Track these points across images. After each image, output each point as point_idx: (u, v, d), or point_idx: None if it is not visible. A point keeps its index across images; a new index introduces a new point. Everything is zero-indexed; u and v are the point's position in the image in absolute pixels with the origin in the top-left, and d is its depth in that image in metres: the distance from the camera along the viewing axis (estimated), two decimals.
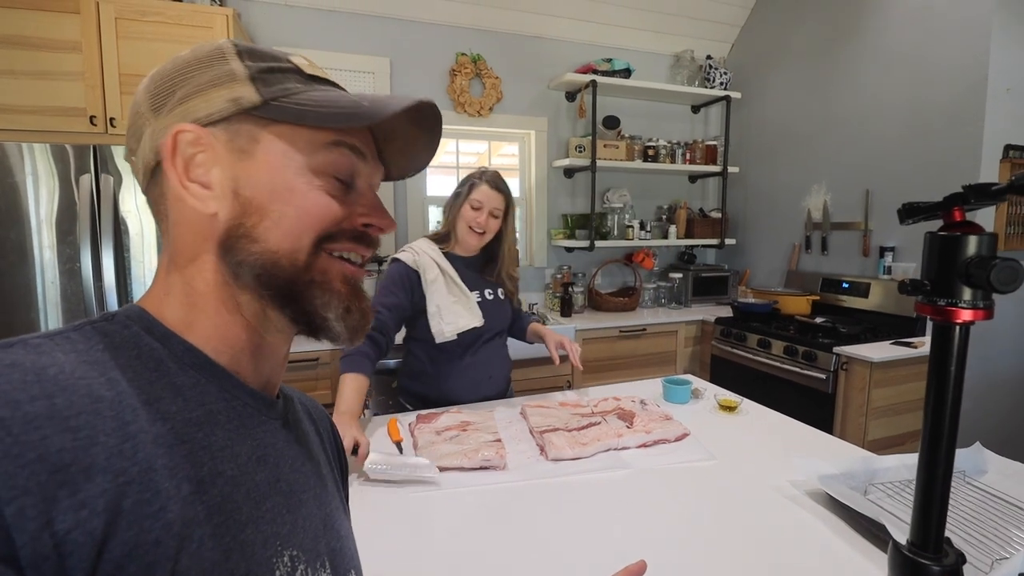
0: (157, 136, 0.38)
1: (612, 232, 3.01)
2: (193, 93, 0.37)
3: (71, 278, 1.78)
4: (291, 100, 0.38)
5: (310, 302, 0.39)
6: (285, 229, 0.38)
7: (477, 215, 1.37)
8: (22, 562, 0.25)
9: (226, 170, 0.37)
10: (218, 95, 0.37)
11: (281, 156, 0.38)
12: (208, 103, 0.37)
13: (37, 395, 0.28)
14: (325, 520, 0.44)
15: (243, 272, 0.38)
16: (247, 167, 0.38)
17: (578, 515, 0.90)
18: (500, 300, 1.49)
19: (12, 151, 1.70)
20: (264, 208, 0.37)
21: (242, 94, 0.37)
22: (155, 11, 1.89)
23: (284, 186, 0.38)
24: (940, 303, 0.43)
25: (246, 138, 0.38)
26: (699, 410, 1.39)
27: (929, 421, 0.45)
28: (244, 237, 0.37)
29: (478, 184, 1.37)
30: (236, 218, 0.37)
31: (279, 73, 0.39)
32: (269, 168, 0.38)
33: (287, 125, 0.38)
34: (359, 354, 1.24)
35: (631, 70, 2.92)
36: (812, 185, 2.79)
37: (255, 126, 0.38)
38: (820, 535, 0.83)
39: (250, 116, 0.38)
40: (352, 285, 0.41)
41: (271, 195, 0.38)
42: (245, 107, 0.37)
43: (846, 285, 2.52)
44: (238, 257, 0.37)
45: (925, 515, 0.47)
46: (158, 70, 0.39)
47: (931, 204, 0.44)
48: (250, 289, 0.38)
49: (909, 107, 2.32)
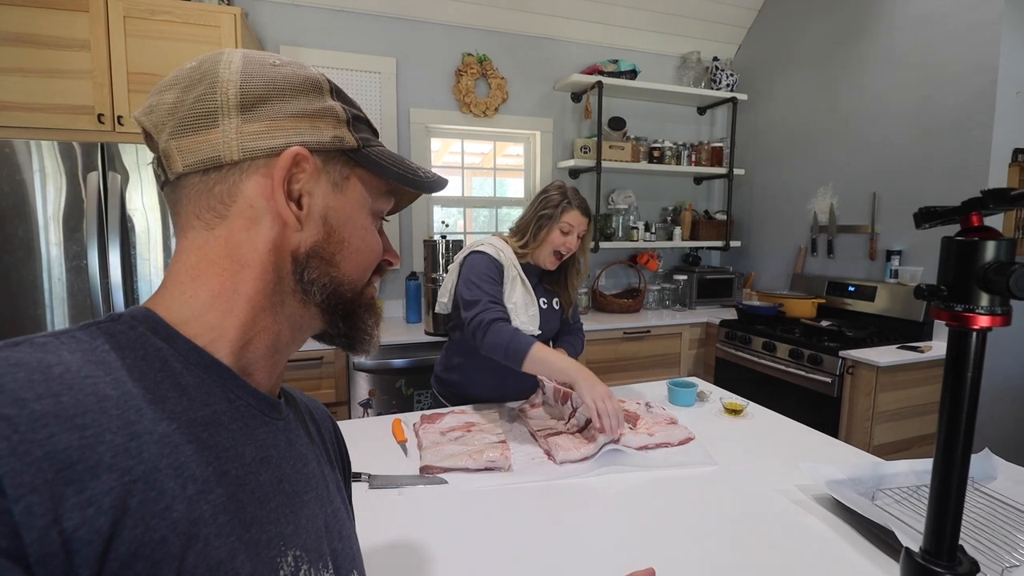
0: (249, 139, 0.38)
1: (617, 233, 3.01)
2: (295, 115, 0.40)
3: (78, 275, 1.79)
4: (374, 152, 0.44)
5: (364, 320, 0.46)
6: (358, 260, 0.44)
7: (566, 240, 1.38)
8: (30, 559, 0.25)
9: (319, 197, 0.41)
10: (326, 128, 0.41)
11: (361, 197, 0.44)
12: (317, 132, 0.41)
13: (43, 393, 0.28)
14: (328, 521, 0.44)
15: (314, 289, 0.41)
16: (337, 199, 0.42)
17: (582, 518, 0.89)
18: (555, 310, 1.50)
19: (20, 148, 1.70)
20: (345, 239, 0.43)
21: (344, 135, 0.42)
22: (164, 10, 1.90)
23: (361, 223, 0.44)
24: (957, 309, 0.42)
25: (338, 174, 0.42)
26: (704, 413, 1.39)
27: (944, 428, 0.44)
28: (323, 260, 0.42)
29: (568, 209, 1.37)
30: (320, 242, 0.41)
31: (360, 122, 0.44)
32: (353, 205, 0.43)
33: (368, 172, 0.44)
34: (516, 333, 1.24)
35: (637, 71, 2.91)
36: (818, 188, 2.77)
37: (346, 165, 0.43)
38: (828, 541, 0.82)
39: (344, 155, 0.42)
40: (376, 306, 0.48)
41: (351, 229, 0.43)
42: (345, 147, 0.42)
43: (852, 288, 2.50)
44: (313, 275, 0.41)
45: (939, 523, 0.46)
46: (248, 68, 0.39)
47: (948, 209, 0.44)
48: (315, 304, 0.42)
49: (917, 110, 2.31)
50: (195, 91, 0.38)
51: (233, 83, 0.38)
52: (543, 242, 1.39)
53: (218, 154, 0.38)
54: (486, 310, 1.27)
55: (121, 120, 1.88)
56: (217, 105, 0.38)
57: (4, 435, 0.26)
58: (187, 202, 0.39)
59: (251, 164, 0.39)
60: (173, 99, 0.39)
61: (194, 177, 0.39)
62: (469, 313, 1.28)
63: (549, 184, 1.46)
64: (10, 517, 0.24)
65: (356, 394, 2.20)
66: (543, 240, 1.39)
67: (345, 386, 2.17)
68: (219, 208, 0.39)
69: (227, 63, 0.39)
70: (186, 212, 0.39)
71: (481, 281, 1.33)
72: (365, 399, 2.20)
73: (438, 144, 2.95)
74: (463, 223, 3.07)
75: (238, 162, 0.38)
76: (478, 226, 3.11)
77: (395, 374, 2.23)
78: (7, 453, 0.25)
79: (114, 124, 1.88)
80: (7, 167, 1.69)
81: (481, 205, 3.11)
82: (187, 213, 0.39)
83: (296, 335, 0.43)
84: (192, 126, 0.38)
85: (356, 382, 2.19)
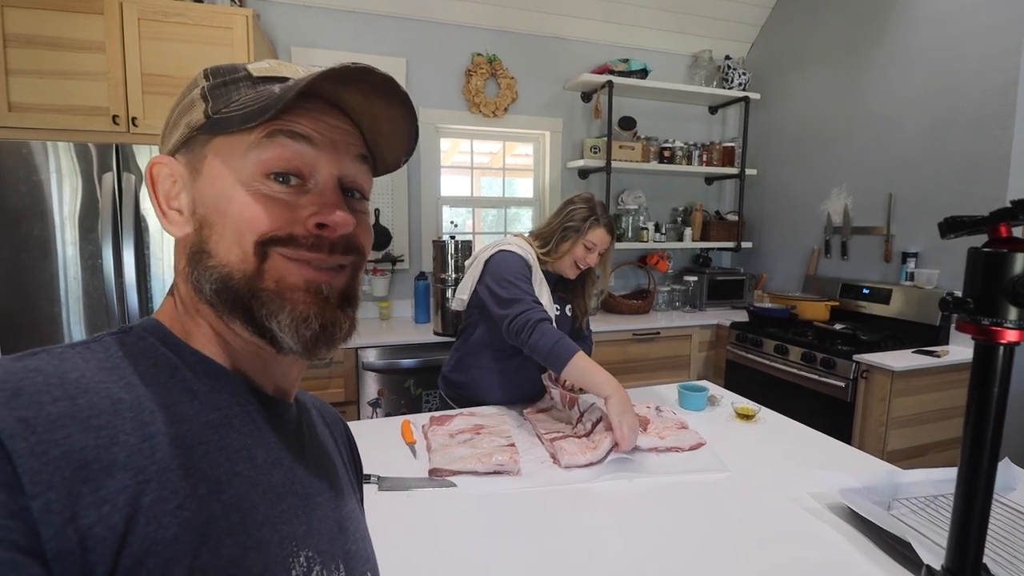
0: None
1: (626, 234, 2.99)
2: (172, 126, 0.40)
3: (93, 274, 1.81)
4: (229, 109, 0.37)
5: (258, 311, 0.37)
6: (229, 239, 0.37)
7: (587, 255, 1.39)
8: (47, 555, 0.25)
9: (188, 192, 0.39)
10: (183, 122, 0.39)
11: (220, 167, 0.37)
12: (176, 131, 0.39)
13: (60, 396, 0.29)
14: (340, 523, 0.44)
15: (203, 287, 0.38)
16: (199, 185, 0.38)
17: (592, 524, 0.88)
18: (567, 316, 1.51)
19: (37, 149, 1.73)
20: (212, 222, 0.37)
21: (194, 116, 0.38)
22: (177, 12, 1.91)
23: (224, 196, 0.37)
24: (984, 322, 0.41)
25: (198, 156, 0.38)
26: (715, 418, 1.37)
27: (968, 444, 0.43)
28: (201, 252, 0.38)
29: (596, 226, 1.37)
30: (195, 235, 0.38)
31: (228, 85, 0.38)
32: (212, 181, 0.38)
33: (223, 136, 0.37)
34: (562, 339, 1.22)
35: (648, 70, 2.89)
36: (832, 188, 2.73)
37: (203, 146, 0.38)
38: (841, 551, 0.81)
39: (200, 136, 0.38)
40: (315, 292, 0.38)
41: (215, 208, 0.37)
42: (195, 127, 0.38)
43: (867, 291, 2.47)
44: (197, 272, 0.38)
45: (962, 539, 0.45)
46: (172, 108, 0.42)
47: (975, 219, 0.42)
48: (210, 303, 0.38)
49: (934, 110, 2.26)
50: None
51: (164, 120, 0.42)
52: (565, 254, 1.39)
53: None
54: (531, 309, 1.27)
55: (135, 121, 1.90)
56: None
57: (23, 435, 0.26)
58: None
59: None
60: None
61: None
62: (510, 311, 1.27)
63: (576, 195, 1.45)
64: (28, 514, 0.25)
65: (365, 394, 2.21)
66: (565, 252, 1.39)
67: (354, 386, 2.18)
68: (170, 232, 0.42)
69: None
70: None
71: (518, 280, 1.32)
72: (374, 399, 2.21)
73: (447, 144, 2.95)
74: (472, 223, 3.07)
75: None
76: (487, 226, 3.11)
77: (404, 374, 2.24)
78: (25, 452, 0.26)
79: (128, 125, 1.89)
80: (24, 168, 1.72)
81: (490, 205, 3.11)
82: None
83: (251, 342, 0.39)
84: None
85: (365, 382, 2.20)
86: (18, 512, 0.25)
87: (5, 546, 0.24)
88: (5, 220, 1.71)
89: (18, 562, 0.24)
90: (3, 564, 0.24)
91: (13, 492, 0.25)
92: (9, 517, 0.25)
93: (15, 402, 0.27)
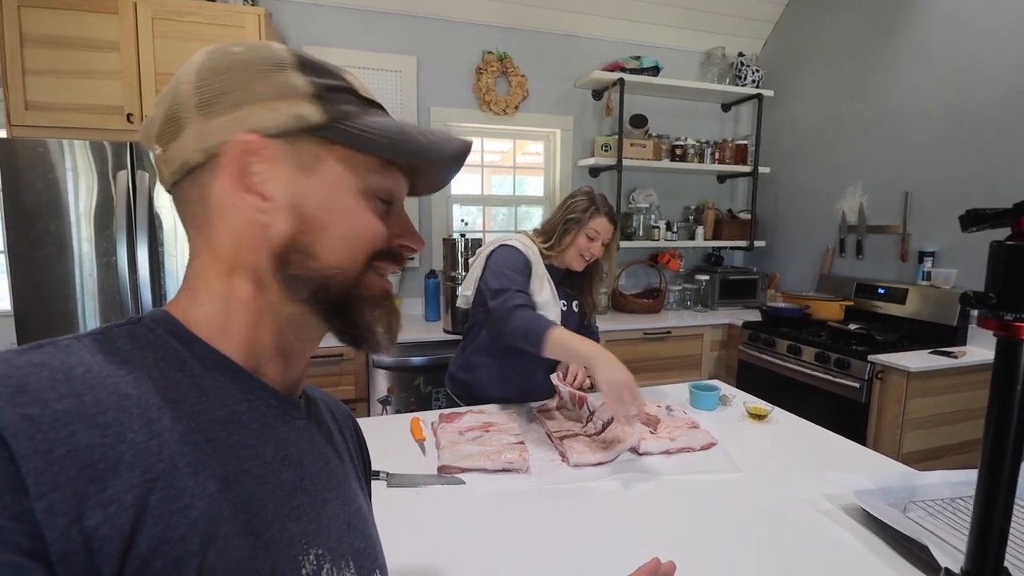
0: (207, 137, 0.36)
1: (637, 232, 2.97)
2: (252, 100, 0.37)
3: (108, 271, 1.84)
4: (353, 125, 0.38)
5: (362, 316, 0.40)
6: (343, 247, 0.39)
7: (591, 245, 1.38)
8: (52, 558, 0.25)
9: (286, 184, 0.37)
10: (282, 108, 0.37)
11: (341, 177, 0.39)
12: (272, 114, 0.37)
13: (65, 393, 0.28)
14: (349, 520, 0.44)
15: (298, 286, 0.38)
16: (309, 184, 0.38)
17: (601, 524, 0.88)
18: (573, 312, 1.50)
19: (54, 147, 1.76)
20: (324, 226, 0.38)
21: (306, 112, 0.37)
22: (190, 11, 1.93)
23: (343, 206, 0.39)
24: (1007, 318, 0.40)
25: (307, 155, 0.38)
26: (727, 418, 1.36)
27: (990, 444, 0.42)
28: (302, 252, 0.38)
29: (596, 215, 1.37)
30: (294, 233, 0.37)
31: (338, 92, 0.39)
32: (329, 187, 0.38)
33: (346, 148, 0.38)
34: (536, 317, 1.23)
35: (660, 68, 2.87)
36: (847, 187, 2.69)
37: (317, 145, 0.38)
38: (857, 553, 0.79)
39: (312, 134, 0.37)
40: (390, 299, 0.43)
41: (330, 214, 0.38)
42: (309, 125, 0.37)
43: (882, 291, 2.42)
44: (294, 271, 0.38)
45: (982, 543, 0.44)
46: (206, 64, 0.37)
47: (998, 211, 0.41)
48: (303, 302, 0.39)
49: (952, 106, 2.22)
50: (166, 101, 0.38)
51: (190, 83, 0.37)
52: (569, 246, 1.39)
53: (186, 159, 0.37)
54: (511, 298, 1.27)
55: None
56: (179, 108, 0.37)
57: (27, 434, 0.26)
58: (180, 211, 0.40)
59: (214, 163, 0.37)
60: (154, 113, 0.39)
61: (179, 186, 0.39)
62: (496, 301, 1.28)
63: (577, 190, 1.45)
64: (32, 516, 0.25)
65: (375, 391, 2.22)
66: (569, 244, 1.39)
67: (364, 383, 2.19)
68: (200, 212, 0.38)
69: (190, 63, 0.38)
70: (183, 220, 0.40)
71: (511, 271, 1.33)
72: (384, 396, 2.22)
73: None
74: (482, 221, 3.07)
75: (203, 163, 0.37)
76: (497, 224, 3.11)
77: (414, 371, 2.24)
78: (30, 452, 0.25)
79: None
80: (41, 166, 1.75)
81: (500, 203, 3.10)
82: (184, 221, 0.40)
83: (302, 335, 0.41)
84: (167, 135, 0.38)
85: (375, 379, 2.21)
86: (21, 514, 0.24)
87: (9, 549, 0.24)
88: (22, 217, 1.75)
89: (22, 566, 0.24)
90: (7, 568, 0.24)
91: (17, 494, 0.25)
92: (12, 519, 0.24)
93: (19, 399, 0.27)
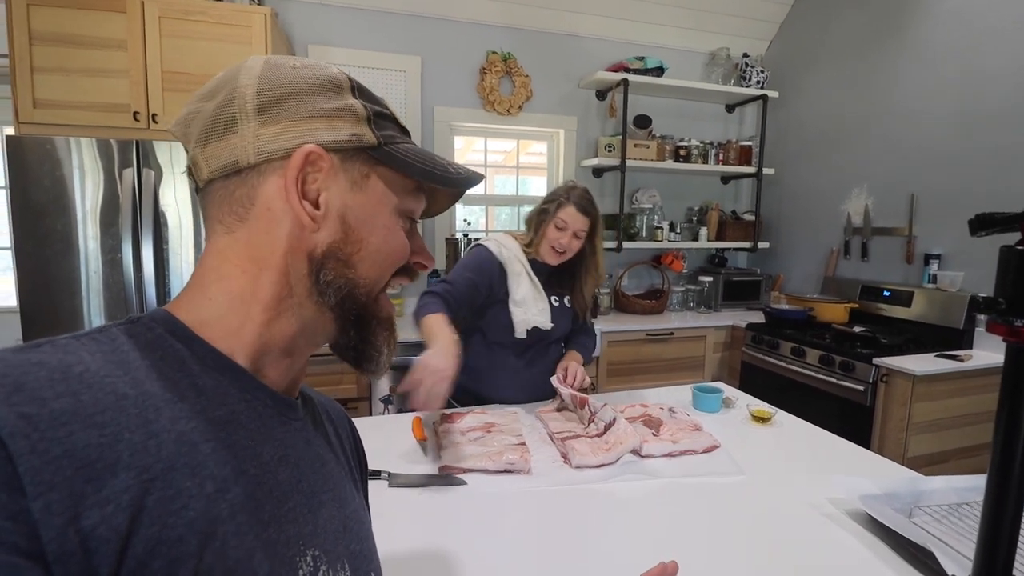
0: (265, 142, 0.38)
1: (640, 233, 2.96)
2: (313, 115, 0.40)
3: (113, 268, 1.84)
4: (399, 149, 0.42)
5: (375, 334, 0.44)
6: (377, 261, 0.42)
7: (560, 236, 1.38)
8: (48, 558, 0.25)
9: (336, 196, 0.40)
10: (343, 126, 0.40)
11: (384, 195, 0.42)
12: (333, 131, 0.40)
13: (63, 392, 0.28)
14: (345, 521, 0.44)
15: (330, 291, 0.40)
16: (356, 198, 0.41)
17: (603, 525, 0.88)
18: (566, 307, 1.50)
19: (61, 145, 1.76)
20: (363, 239, 0.41)
21: (363, 133, 0.41)
22: (197, 10, 1.94)
23: (382, 223, 0.42)
24: (1016, 324, 0.39)
25: (357, 173, 0.41)
26: (730, 420, 1.35)
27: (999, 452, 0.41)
28: (340, 261, 0.40)
29: (565, 204, 1.36)
30: (336, 242, 0.40)
31: (384, 119, 0.43)
32: (374, 204, 0.42)
33: (390, 169, 0.42)
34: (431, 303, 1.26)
35: (664, 68, 2.86)
36: (853, 188, 2.68)
37: (366, 164, 0.41)
38: (861, 558, 0.79)
39: (364, 153, 0.41)
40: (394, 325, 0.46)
41: (371, 228, 0.42)
42: (364, 145, 0.41)
43: (887, 293, 2.41)
44: (328, 277, 0.40)
45: (991, 551, 0.43)
46: (267, 72, 0.39)
47: (1008, 215, 0.41)
48: (329, 308, 0.41)
49: (958, 107, 2.20)
50: (217, 98, 0.39)
51: (251, 87, 0.39)
52: (541, 237, 1.40)
53: (236, 158, 0.38)
54: (433, 287, 1.31)
55: (156, 118, 1.93)
56: (236, 110, 0.39)
57: (24, 433, 0.26)
58: (213, 207, 0.40)
59: (268, 166, 0.38)
60: (198, 108, 0.40)
61: (218, 183, 0.39)
62: None
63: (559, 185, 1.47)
64: (29, 516, 0.24)
65: (377, 390, 2.22)
66: (541, 235, 1.40)
67: (366, 382, 2.19)
68: (240, 212, 0.39)
69: (248, 69, 0.40)
70: (212, 217, 0.40)
71: (463, 269, 1.38)
72: (386, 395, 2.22)
73: (461, 142, 2.96)
74: (485, 221, 3.07)
75: (255, 165, 0.38)
76: (500, 224, 3.11)
77: None
78: (27, 451, 0.25)
79: (149, 122, 1.93)
80: (48, 163, 1.76)
81: (503, 203, 3.10)
82: (212, 218, 0.40)
83: (312, 339, 0.42)
84: (214, 133, 0.39)
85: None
86: (18, 514, 0.24)
87: (5, 549, 0.24)
88: (29, 214, 1.75)
89: (18, 565, 0.24)
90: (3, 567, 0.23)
91: (14, 493, 0.25)
92: (9, 519, 0.24)
93: (16, 397, 0.27)
